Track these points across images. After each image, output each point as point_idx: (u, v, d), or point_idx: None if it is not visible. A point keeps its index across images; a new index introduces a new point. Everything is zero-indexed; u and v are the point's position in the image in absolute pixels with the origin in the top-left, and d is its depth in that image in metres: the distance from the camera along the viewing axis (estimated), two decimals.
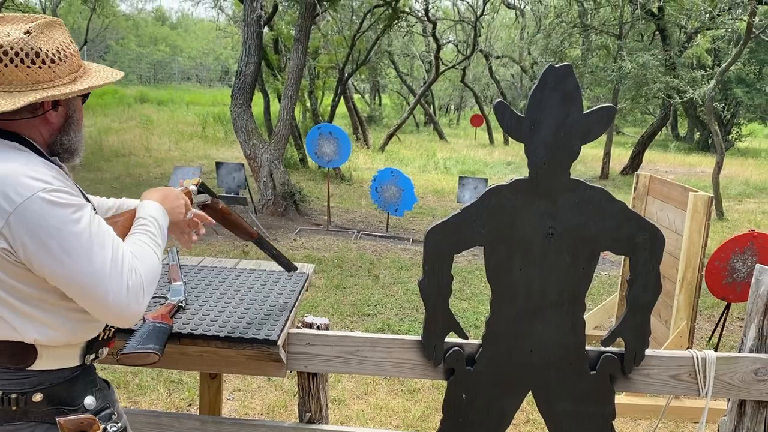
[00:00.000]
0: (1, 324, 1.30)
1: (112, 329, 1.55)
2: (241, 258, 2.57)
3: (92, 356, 1.47)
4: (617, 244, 1.93)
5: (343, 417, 3.50)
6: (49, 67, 1.32)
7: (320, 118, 14.28)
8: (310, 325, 2.11)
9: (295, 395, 3.65)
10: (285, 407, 3.58)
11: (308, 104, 14.68)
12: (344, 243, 7.68)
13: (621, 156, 17.25)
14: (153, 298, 2.04)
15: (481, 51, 19.46)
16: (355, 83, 24.07)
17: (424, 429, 3.43)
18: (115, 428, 1.44)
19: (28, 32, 1.30)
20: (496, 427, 2.06)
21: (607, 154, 15.00)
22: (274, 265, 2.47)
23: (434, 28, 15.41)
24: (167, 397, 3.62)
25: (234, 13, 17.00)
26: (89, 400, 1.42)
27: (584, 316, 2.01)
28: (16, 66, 1.28)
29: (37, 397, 1.35)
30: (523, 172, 1.90)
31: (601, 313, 4.66)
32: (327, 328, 2.12)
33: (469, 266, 6.81)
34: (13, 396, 1.32)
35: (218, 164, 8.18)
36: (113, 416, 1.47)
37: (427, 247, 1.91)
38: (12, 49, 1.27)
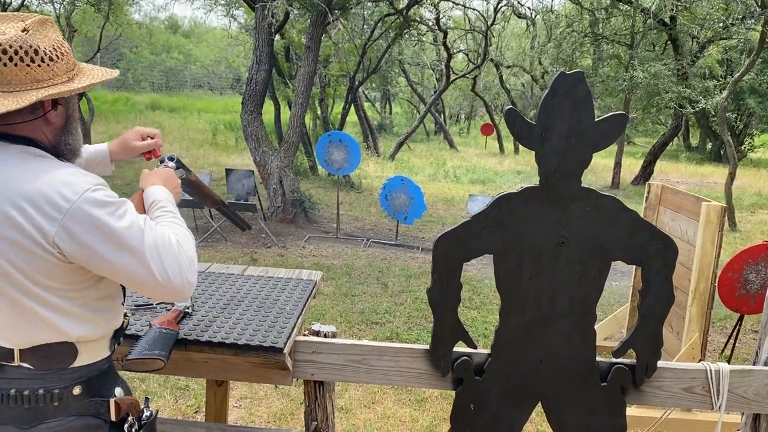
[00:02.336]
0: (46, 327, 1.32)
1: (128, 317, 1.60)
2: (249, 264, 2.56)
3: (116, 345, 1.52)
4: (629, 253, 1.90)
5: (350, 426, 3.47)
6: (48, 65, 1.30)
7: (330, 125, 14.31)
8: (317, 333, 2.09)
9: (301, 403, 3.62)
10: (292, 415, 3.55)
11: (319, 112, 14.72)
12: (353, 251, 7.66)
13: (632, 166, 17.16)
14: (159, 304, 2.03)
15: (491, 60, 19.45)
16: (366, 92, 24.14)
17: None
18: (148, 413, 1.51)
19: (25, 30, 1.28)
20: None
21: (618, 164, 14.92)
22: (281, 272, 2.46)
23: (445, 37, 15.43)
24: (174, 403, 3.61)
25: (246, 21, 17.10)
26: (118, 391, 1.47)
27: (595, 327, 1.98)
28: (16, 65, 1.26)
29: (77, 390, 1.37)
30: (534, 181, 1.88)
31: (612, 323, 4.61)
32: (334, 336, 2.10)
33: (479, 275, 6.77)
34: (56, 392, 1.34)
35: (228, 171, 8.20)
36: (146, 402, 1.54)
37: (436, 255, 1.88)
38: (11, 47, 1.25)
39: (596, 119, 1.81)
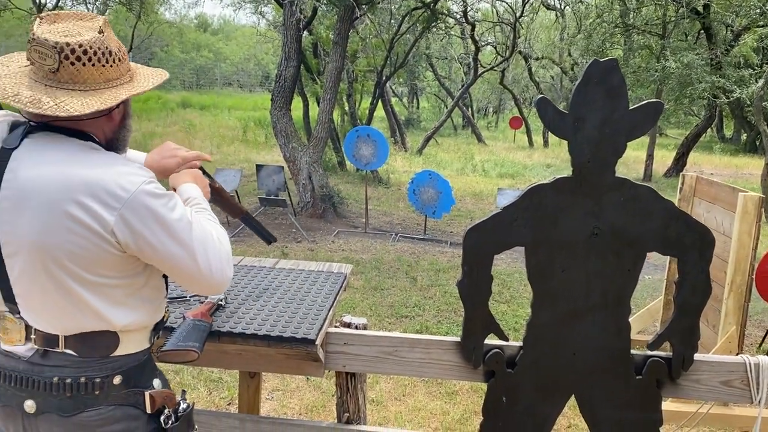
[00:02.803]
0: (93, 315, 1.36)
1: (168, 311, 1.63)
2: (280, 258, 2.58)
3: (155, 337, 1.54)
4: (664, 244, 1.87)
5: (381, 418, 3.49)
6: (117, 65, 1.36)
7: (358, 121, 14.33)
8: (348, 325, 2.10)
9: (333, 396, 3.64)
10: (323, 407, 3.58)
11: (346, 108, 14.75)
12: (382, 245, 7.67)
13: (664, 158, 16.85)
14: (193, 296, 2.06)
15: (520, 53, 19.26)
16: (393, 87, 24.10)
17: None
18: (185, 405, 1.52)
19: (101, 32, 1.32)
20: (538, 431, 2.02)
21: (650, 156, 14.66)
22: (312, 265, 2.48)
23: (473, 30, 15.32)
24: (207, 395, 3.66)
25: (274, 18, 17.21)
26: (156, 382, 1.49)
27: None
28: (93, 65, 1.31)
29: (117, 380, 1.40)
30: (564, 175, 1.86)
31: (645, 317, 4.54)
32: (365, 328, 2.11)
33: (509, 269, 6.73)
34: (97, 380, 1.37)
35: (258, 167, 8.28)
36: (183, 394, 1.55)
37: (467, 247, 1.87)
38: (90, 48, 1.30)
39: (630, 108, 1.78)
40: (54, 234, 1.28)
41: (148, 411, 1.44)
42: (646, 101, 1.79)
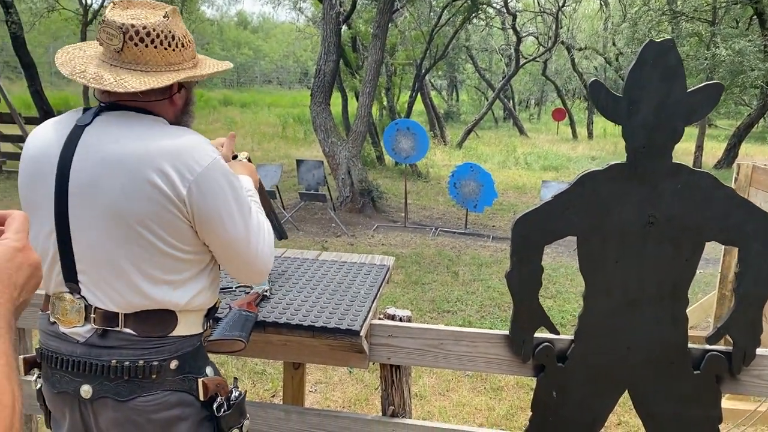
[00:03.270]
0: (155, 288, 1.37)
1: (219, 299, 1.64)
2: (321, 252, 2.57)
3: (208, 324, 1.55)
4: (724, 233, 1.78)
5: (424, 413, 3.45)
6: (180, 51, 1.41)
7: (397, 115, 14.29)
8: (392, 317, 2.07)
9: (376, 389, 3.63)
10: (366, 401, 3.57)
11: (385, 102, 14.72)
12: (422, 239, 7.62)
13: (714, 149, 16.33)
14: (239, 287, 2.06)
15: (562, 43, 18.91)
16: (432, 80, 23.96)
17: (508, 428, 3.33)
18: (237, 393, 1.53)
19: (166, 16, 1.39)
20: (590, 427, 1.95)
21: (699, 147, 14.23)
22: (354, 258, 2.46)
23: (514, 20, 15.10)
24: (252, 387, 3.68)
25: (313, 14, 17.28)
26: (209, 370, 1.49)
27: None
28: (156, 47, 1.37)
29: (173, 364, 1.40)
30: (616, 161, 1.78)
31: (698, 312, 4.39)
32: (409, 320, 2.07)
33: (554, 263, 6.60)
34: (155, 364, 1.38)
35: (299, 162, 8.32)
36: (235, 382, 1.55)
37: (516, 237, 1.82)
38: (154, 30, 1.36)
39: (689, 90, 1.69)
40: (133, 202, 1.31)
41: (201, 398, 1.44)
42: (705, 83, 1.70)
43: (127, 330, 1.38)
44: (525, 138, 20.61)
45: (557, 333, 1.92)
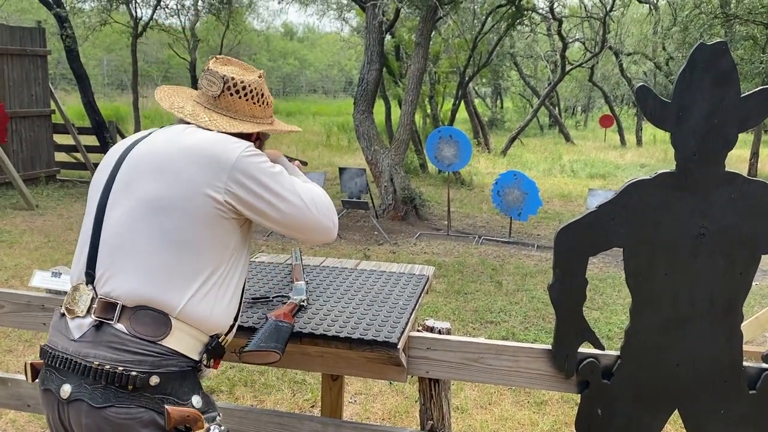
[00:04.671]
0: (163, 279, 1.41)
1: (228, 337, 1.59)
2: (361, 260, 2.54)
3: (205, 358, 1.49)
4: None
5: (466, 427, 3.38)
6: (264, 108, 1.68)
7: (440, 123, 14.24)
8: (431, 329, 2.02)
9: (416, 401, 3.58)
10: (407, 413, 3.52)
11: (428, 110, 14.68)
12: (465, 248, 7.54)
13: None
14: (275, 297, 2.05)
15: (610, 48, 18.49)
16: (476, 87, 23.80)
17: None
18: (216, 431, 1.43)
19: (261, 77, 1.66)
20: None
21: (755, 154, 13.70)
22: (393, 267, 2.43)
23: (560, 26, 14.88)
24: (291, 397, 3.68)
25: (357, 23, 17.40)
26: (196, 399, 1.43)
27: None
28: (248, 100, 1.62)
29: (154, 380, 1.36)
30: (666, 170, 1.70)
31: (754, 326, 4.19)
32: (449, 332, 2.02)
33: (601, 274, 6.43)
34: (133, 374, 1.34)
35: (341, 170, 8.35)
36: (217, 419, 1.46)
37: (559, 248, 1.76)
38: (249, 86, 1.62)
39: (742, 95, 1.61)
40: (163, 187, 1.43)
41: (166, 427, 1.36)
42: (760, 87, 1.61)
43: (119, 326, 1.38)
44: (571, 145, 20.25)
45: (602, 348, 1.85)
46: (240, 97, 1.60)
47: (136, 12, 13.41)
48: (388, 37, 11.81)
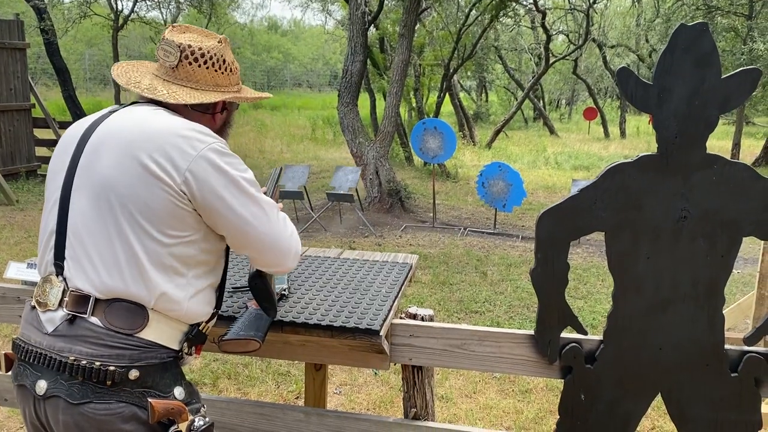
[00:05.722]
0: (132, 270, 1.34)
1: (210, 324, 1.56)
2: (343, 249, 2.52)
3: (186, 347, 1.46)
4: (763, 227, 1.68)
5: (450, 415, 3.38)
6: (228, 74, 1.55)
7: (426, 115, 14.21)
8: (414, 316, 2.01)
9: (401, 391, 3.57)
10: (392, 403, 3.51)
11: (414, 103, 14.66)
12: (450, 239, 7.54)
13: (752, 147, 15.88)
14: None
15: (594, 40, 18.57)
16: (461, 81, 23.80)
17: (536, 431, 3.24)
18: (202, 423, 1.40)
19: (220, 42, 1.55)
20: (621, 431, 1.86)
21: (736, 145, 13.83)
22: (377, 256, 2.41)
23: (543, 18, 14.89)
24: (276, 389, 3.66)
25: (342, 17, 17.32)
26: (178, 391, 1.40)
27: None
28: (208, 68, 1.51)
29: (133, 374, 1.32)
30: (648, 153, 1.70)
31: (736, 312, 4.22)
32: (431, 319, 2.01)
33: (585, 263, 6.46)
34: (111, 369, 1.30)
35: (338, 168, 8.38)
36: (201, 410, 1.44)
37: (540, 233, 1.75)
38: (208, 53, 1.51)
39: (723, 76, 1.60)
40: (124, 176, 1.35)
41: (150, 421, 1.33)
42: (740, 68, 1.61)
43: (94, 319, 1.33)
44: (555, 138, 20.33)
45: (585, 333, 1.84)
46: (200, 66, 1.49)
47: (116, 4, 13.24)
48: (372, 29, 11.76)
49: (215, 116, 1.57)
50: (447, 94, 15.61)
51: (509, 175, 7.65)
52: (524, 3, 14.78)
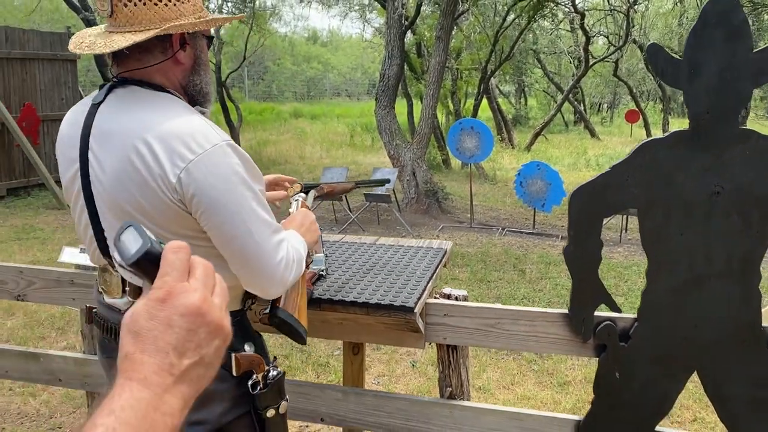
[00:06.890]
0: None
1: None
2: (379, 237, 2.58)
3: (250, 301, 1.51)
4: None
5: None
6: (175, 5, 1.32)
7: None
8: (449, 297, 2.05)
9: (438, 381, 3.59)
10: (429, 393, 3.53)
11: (451, 107, 14.67)
12: (488, 239, 7.53)
13: None
14: None
15: (634, 42, 18.28)
16: (500, 85, 23.68)
17: None
18: (275, 372, 1.44)
19: None
20: (656, 411, 1.86)
21: None
22: (412, 242, 2.46)
23: (582, 19, 14.73)
24: (315, 378, 3.73)
25: (380, 24, 17.46)
26: (248, 347, 1.44)
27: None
28: (144, 4, 1.29)
29: None
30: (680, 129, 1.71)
31: None
32: (465, 299, 2.05)
33: (626, 261, 6.37)
34: None
35: (375, 169, 8.51)
36: (274, 361, 1.49)
37: (573, 210, 1.77)
38: None
39: (755, 50, 1.60)
40: (123, 181, 1.28)
41: (234, 373, 1.35)
42: None
43: None
44: (596, 140, 20.04)
45: (619, 311, 1.85)
46: (135, 5, 1.28)
47: None
48: (409, 35, 11.84)
49: (177, 57, 1.37)
50: (485, 98, 15.57)
51: (548, 174, 7.59)
52: (562, 4, 14.65)
